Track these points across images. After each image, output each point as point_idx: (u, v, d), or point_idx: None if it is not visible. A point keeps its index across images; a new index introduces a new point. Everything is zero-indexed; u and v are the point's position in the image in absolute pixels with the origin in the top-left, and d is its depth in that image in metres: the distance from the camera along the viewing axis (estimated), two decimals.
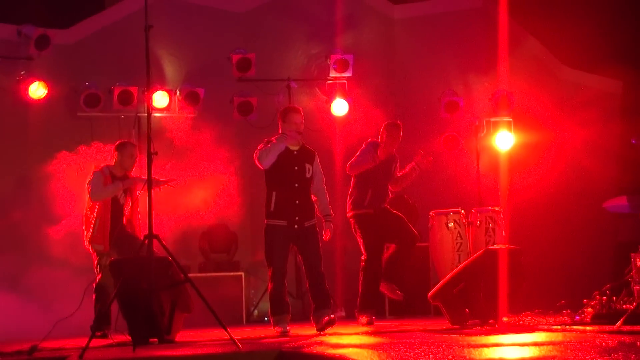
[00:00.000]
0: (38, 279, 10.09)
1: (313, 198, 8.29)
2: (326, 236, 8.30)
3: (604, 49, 11.89)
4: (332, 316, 8.06)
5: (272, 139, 8.15)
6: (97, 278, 8.56)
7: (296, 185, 8.10)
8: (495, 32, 11.24)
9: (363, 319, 8.90)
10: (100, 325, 8.19)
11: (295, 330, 8.22)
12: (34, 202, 10.47)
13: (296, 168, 8.13)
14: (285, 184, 8.09)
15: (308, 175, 8.18)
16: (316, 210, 8.32)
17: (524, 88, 12.14)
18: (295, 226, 8.05)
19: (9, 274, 10.10)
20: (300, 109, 8.33)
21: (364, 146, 9.11)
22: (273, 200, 8.08)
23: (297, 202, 8.08)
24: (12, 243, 10.31)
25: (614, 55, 11.98)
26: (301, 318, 8.64)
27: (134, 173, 8.88)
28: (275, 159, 8.06)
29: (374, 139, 9.13)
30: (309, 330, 8.11)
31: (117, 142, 8.92)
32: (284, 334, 7.93)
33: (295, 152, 8.19)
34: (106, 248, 8.56)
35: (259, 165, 8.12)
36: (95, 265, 8.60)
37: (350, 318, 9.63)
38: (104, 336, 8.09)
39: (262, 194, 8.19)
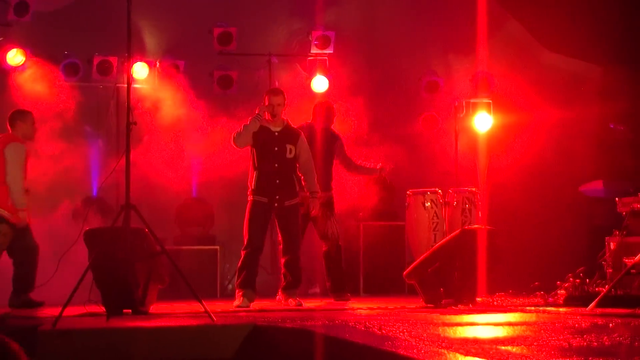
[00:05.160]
0: None
1: (300, 176, 8.43)
2: (313, 211, 8.48)
3: (585, 33, 11.89)
4: (299, 300, 8.23)
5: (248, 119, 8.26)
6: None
7: (276, 165, 8.27)
8: (477, 13, 11.20)
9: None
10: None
11: (268, 304, 8.25)
12: None
13: (276, 149, 8.28)
14: (265, 163, 8.26)
15: (289, 156, 8.31)
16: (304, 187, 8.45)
17: (504, 70, 12.12)
18: (276, 204, 8.23)
19: None
20: (281, 90, 8.41)
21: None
22: (254, 179, 8.25)
23: (277, 181, 8.26)
24: None
25: (594, 40, 11.98)
26: (275, 293, 8.67)
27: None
28: (250, 140, 8.18)
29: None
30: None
31: (13, 111, 8.58)
32: (244, 307, 7.99)
33: (277, 133, 8.32)
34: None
35: (234, 146, 8.30)
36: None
37: (324, 295, 9.65)
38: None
39: (240, 169, 8.23)
